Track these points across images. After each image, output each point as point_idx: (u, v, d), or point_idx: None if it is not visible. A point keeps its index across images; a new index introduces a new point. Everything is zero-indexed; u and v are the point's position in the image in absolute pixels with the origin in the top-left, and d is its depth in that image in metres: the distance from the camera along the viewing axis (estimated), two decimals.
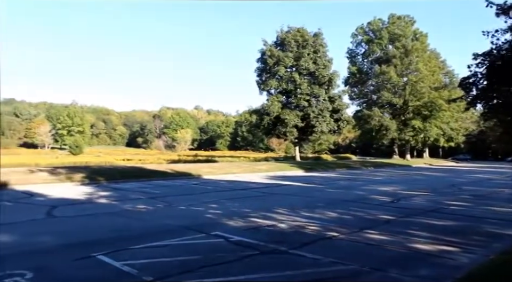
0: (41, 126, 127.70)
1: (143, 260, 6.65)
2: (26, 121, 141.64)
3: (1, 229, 9.09)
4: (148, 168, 28.21)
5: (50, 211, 11.89)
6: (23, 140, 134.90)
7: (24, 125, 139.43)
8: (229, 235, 8.49)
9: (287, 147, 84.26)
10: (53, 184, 18.92)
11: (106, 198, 14.91)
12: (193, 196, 16.23)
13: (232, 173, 27.47)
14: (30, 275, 5.79)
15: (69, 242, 8.07)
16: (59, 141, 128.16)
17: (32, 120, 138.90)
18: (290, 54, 45.70)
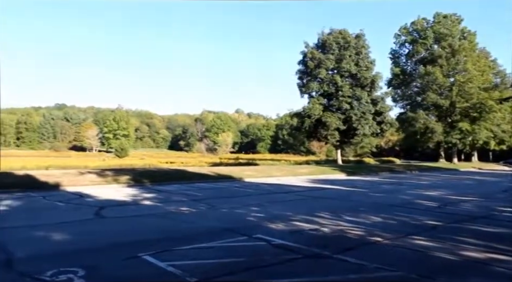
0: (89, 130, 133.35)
1: (188, 261, 6.75)
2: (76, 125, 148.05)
3: (55, 228, 9.49)
4: (190, 171, 28.69)
5: (98, 211, 12.32)
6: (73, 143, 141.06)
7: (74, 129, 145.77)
8: (271, 238, 8.47)
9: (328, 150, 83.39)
10: (100, 186, 19.58)
11: (151, 200, 15.27)
12: (235, 198, 16.34)
13: (273, 176, 27.44)
14: (82, 273, 6.01)
15: (117, 242, 8.32)
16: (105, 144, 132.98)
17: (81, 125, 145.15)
18: (332, 56, 45.22)
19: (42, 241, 8.43)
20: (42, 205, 13.92)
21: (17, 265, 6.57)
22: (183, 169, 30.85)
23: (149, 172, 26.63)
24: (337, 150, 51.14)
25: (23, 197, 15.42)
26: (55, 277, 5.85)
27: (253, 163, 45.29)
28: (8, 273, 6.17)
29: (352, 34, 46.71)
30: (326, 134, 46.46)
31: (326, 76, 45.65)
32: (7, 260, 6.80)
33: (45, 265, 6.39)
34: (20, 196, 15.75)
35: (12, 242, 8.10)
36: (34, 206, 13.80)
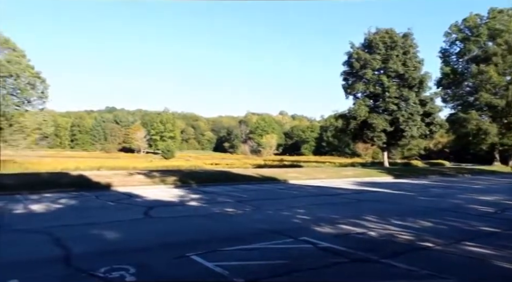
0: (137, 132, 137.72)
1: (234, 262, 6.82)
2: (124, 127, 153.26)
3: (107, 227, 9.88)
4: (234, 172, 28.96)
5: (147, 211, 12.70)
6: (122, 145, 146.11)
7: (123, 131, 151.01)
8: (317, 241, 8.40)
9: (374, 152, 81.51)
10: (148, 186, 20.17)
11: (197, 201, 15.55)
12: (279, 200, 16.33)
13: (318, 179, 27.18)
14: (133, 270, 6.22)
15: (165, 242, 8.54)
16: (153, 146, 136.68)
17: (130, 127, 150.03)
18: (378, 56, 44.25)
19: (96, 238, 8.80)
20: (95, 205, 14.53)
21: (74, 261, 6.90)
22: (227, 171, 31.20)
23: (195, 173, 27.14)
24: (384, 152, 49.94)
25: (78, 197, 16.15)
26: (108, 274, 6.10)
27: (297, 165, 45.12)
28: (66, 269, 6.50)
29: (399, 33, 45.53)
30: (372, 136, 45.49)
31: (372, 77, 44.74)
32: (65, 256, 7.17)
33: (99, 262, 6.68)
34: (75, 195, 16.51)
35: (69, 239, 8.51)
36: (88, 205, 14.42)
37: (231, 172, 29.44)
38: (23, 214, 12.18)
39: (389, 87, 43.79)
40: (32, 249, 7.89)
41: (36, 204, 13.96)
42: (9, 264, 6.71)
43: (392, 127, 44.48)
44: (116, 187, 19.21)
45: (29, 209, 13.05)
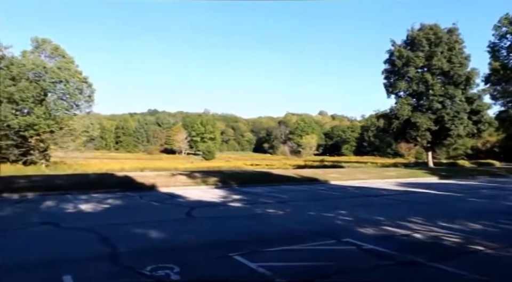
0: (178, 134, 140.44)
1: (277, 263, 6.81)
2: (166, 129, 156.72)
3: (151, 226, 10.12)
4: (274, 173, 28.96)
5: (189, 211, 12.92)
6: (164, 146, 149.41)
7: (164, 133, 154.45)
8: (361, 243, 8.25)
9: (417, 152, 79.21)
10: (190, 187, 20.52)
11: (238, 201, 15.66)
12: (321, 201, 16.17)
13: (360, 179, 26.70)
14: (178, 269, 6.34)
15: (208, 241, 8.65)
16: (193, 147, 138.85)
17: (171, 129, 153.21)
18: (421, 53, 42.91)
19: (142, 237, 9.05)
20: (139, 204, 14.94)
21: (121, 259, 7.12)
22: (268, 171, 31.24)
23: (235, 174, 27.35)
24: (428, 152, 48.35)
25: (123, 197, 16.67)
26: (154, 272, 6.25)
27: (338, 165, 44.55)
28: (114, 266, 6.72)
29: (444, 29, 43.94)
30: (416, 136, 44.19)
31: (415, 75, 43.49)
32: (113, 254, 7.42)
33: (145, 260, 6.85)
34: (120, 195, 17.05)
35: (116, 237, 8.80)
36: (132, 205, 14.86)
37: (271, 172, 29.46)
38: (73, 213, 12.70)
39: (433, 85, 42.40)
40: (82, 246, 8.22)
41: (85, 203, 14.52)
42: (62, 260, 7.01)
43: (437, 126, 43.03)
44: (159, 187, 19.67)
45: (79, 208, 13.59)
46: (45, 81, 39.47)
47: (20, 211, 13.08)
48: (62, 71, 40.13)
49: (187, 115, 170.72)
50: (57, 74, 39.81)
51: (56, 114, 41.12)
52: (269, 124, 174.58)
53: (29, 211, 13.06)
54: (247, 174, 27.85)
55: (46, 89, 40.06)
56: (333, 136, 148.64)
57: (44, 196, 16.37)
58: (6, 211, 13.01)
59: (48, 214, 12.47)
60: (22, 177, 22.11)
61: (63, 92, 41.26)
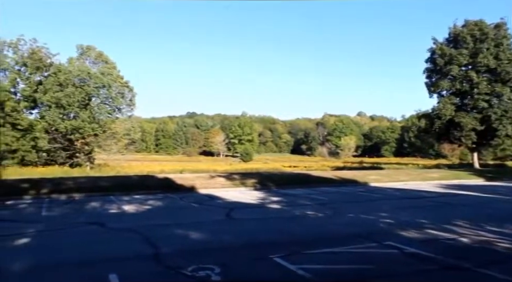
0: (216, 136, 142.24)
1: (317, 265, 6.76)
2: (204, 132, 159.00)
3: (192, 227, 10.30)
4: (313, 175, 28.74)
5: (229, 213, 13.05)
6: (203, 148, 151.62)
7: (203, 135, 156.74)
8: (403, 246, 8.04)
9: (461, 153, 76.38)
10: (229, 188, 20.70)
11: (277, 203, 15.66)
12: (361, 203, 15.91)
13: (401, 181, 26.05)
14: (218, 270, 6.42)
15: (247, 243, 8.70)
16: (231, 149, 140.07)
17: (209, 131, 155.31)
18: (465, 50, 41.31)
19: (183, 238, 9.22)
20: (180, 206, 15.24)
21: (163, 259, 7.29)
22: (306, 173, 31.05)
23: (274, 176, 27.34)
24: (473, 153, 46.45)
25: (164, 198, 17.04)
26: (195, 272, 6.36)
27: (378, 167, 43.71)
28: (157, 266, 6.89)
29: (490, 24, 42.10)
30: (460, 136, 42.59)
31: (458, 73, 41.93)
32: (155, 254, 7.61)
33: (186, 261, 6.98)
34: (161, 197, 17.44)
35: (158, 238, 9.01)
36: (173, 206, 15.17)
37: (309, 174, 29.27)
38: (117, 214, 13.11)
39: (479, 84, 40.71)
40: (126, 246, 8.48)
41: (128, 204, 14.96)
42: (108, 259, 7.27)
43: (482, 126, 41.29)
44: (198, 189, 19.97)
45: (122, 209, 14.02)
46: (89, 86, 41.07)
47: (67, 212, 13.64)
48: (105, 76, 41.62)
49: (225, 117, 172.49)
50: (100, 79, 41.33)
51: (99, 118, 42.73)
52: (307, 126, 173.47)
53: (76, 212, 13.60)
54: (285, 176, 27.79)
55: (90, 94, 41.67)
56: (372, 137, 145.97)
57: (89, 197, 17.01)
58: (55, 211, 13.60)
59: (94, 214, 12.94)
60: (69, 179, 23.04)
61: (106, 96, 42.81)
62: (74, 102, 39.82)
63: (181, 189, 19.96)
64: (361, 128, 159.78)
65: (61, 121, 39.56)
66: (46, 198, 16.68)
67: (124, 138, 45.29)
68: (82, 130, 40.04)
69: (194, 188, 20.08)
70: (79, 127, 39.88)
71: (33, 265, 7.01)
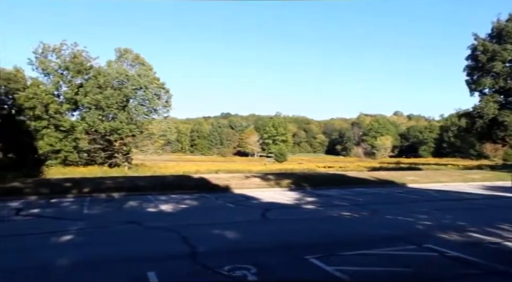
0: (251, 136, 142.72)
1: (354, 267, 6.66)
2: (239, 132, 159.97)
3: (228, 227, 10.38)
4: (348, 175, 28.36)
5: (264, 213, 13.06)
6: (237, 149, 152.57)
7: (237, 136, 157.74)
8: (444, 250, 7.79)
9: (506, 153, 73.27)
10: (263, 189, 20.73)
11: (312, 203, 15.55)
12: (398, 205, 15.55)
13: (440, 182, 25.28)
14: (254, 270, 6.44)
15: (283, 243, 8.68)
16: (265, 149, 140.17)
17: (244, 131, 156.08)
18: (510, 45, 39.60)
19: (218, 237, 9.30)
20: (215, 205, 15.39)
21: (200, 258, 7.37)
22: (341, 174, 30.67)
23: (308, 176, 27.17)
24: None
25: (200, 198, 17.26)
26: (231, 272, 6.40)
27: (415, 167, 42.65)
28: (194, 265, 6.98)
29: None
30: (504, 136, 40.83)
31: (502, 70, 40.18)
32: (192, 253, 7.71)
33: (222, 260, 7.04)
34: (197, 196, 17.66)
35: (194, 237, 9.13)
36: (209, 206, 15.34)
37: (345, 175, 28.90)
38: (154, 213, 13.39)
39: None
40: (163, 245, 8.64)
41: (164, 204, 15.25)
42: (146, 257, 7.43)
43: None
44: (234, 189, 20.10)
45: (159, 208, 14.31)
46: (127, 88, 42.17)
47: (107, 210, 14.04)
48: (142, 78, 42.60)
49: (259, 118, 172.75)
50: (137, 81, 42.34)
51: (137, 119, 43.80)
52: (342, 126, 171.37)
53: (115, 210, 13.99)
54: (320, 176, 27.56)
55: (128, 96, 42.77)
56: (409, 137, 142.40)
57: (127, 196, 17.46)
58: (95, 210, 14.04)
59: (132, 213, 13.26)
60: (108, 178, 23.73)
61: (143, 98, 43.82)
62: (113, 104, 40.98)
63: (216, 189, 20.15)
64: (398, 128, 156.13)
65: (100, 122, 40.81)
66: (87, 197, 17.26)
67: (160, 138, 46.20)
68: (120, 131, 41.13)
69: (229, 188, 20.23)
70: (117, 128, 40.99)
71: (77, 261, 7.27)
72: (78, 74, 41.74)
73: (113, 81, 41.91)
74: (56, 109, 39.26)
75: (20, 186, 19.60)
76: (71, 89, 41.35)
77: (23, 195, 17.25)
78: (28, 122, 38.04)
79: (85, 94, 40.73)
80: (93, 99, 40.26)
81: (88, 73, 42.49)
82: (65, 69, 41.36)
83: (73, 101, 41.39)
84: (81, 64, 41.68)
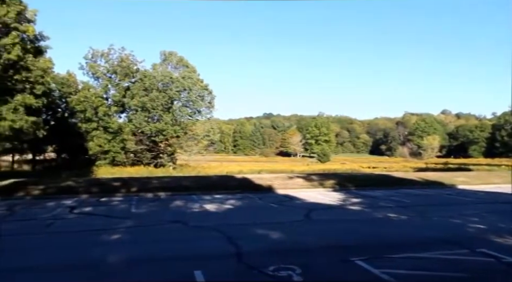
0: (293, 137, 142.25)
1: (402, 270, 6.48)
2: (281, 132, 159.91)
3: (272, 227, 10.37)
4: (394, 176, 27.64)
5: (308, 213, 12.95)
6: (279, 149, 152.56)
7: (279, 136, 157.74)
8: (501, 255, 7.41)
9: None
10: (307, 189, 20.54)
11: (357, 204, 15.27)
12: (448, 207, 14.98)
13: (493, 184, 24.10)
14: (299, 271, 6.40)
15: (327, 244, 8.57)
16: (308, 149, 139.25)
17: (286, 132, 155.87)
18: None
19: (263, 238, 9.32)
20: (258, 206, 15.43)
21: (245, 258, 7.42)
22: (386, 174, 29.97)
23: (352, 177, 26.72)
24: None
25: (243, 198, 17.35)
26: (276, 272, 6.40)
27: (465, 168, 40.95)
28: (239, 265, 7.04)
29: None
30: None
31: None
32: (237, 253, 7.77)
33: (267, 260, 7.05)
34: (240, 197, 17.76)
35: (239, 237, 9.19)
36: (252, 206, 15.41)
37: (390, 175, 28.21)
38: (199, 212, 13.60)
39: None
40: (209, 244, 8.76)
41: (209, 203, 15.46)
42: (192, 256, 7.57)
43: None
44: (277, 189, 20.08)
45: (203, 207, 14.52)
46: (171, 90, 43.20)
47: (154, 209, 14.41)
48: (186, 80, 43.49)
49: (301, 118, 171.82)
50: (181, 83, 43.28)
51: (181, 120, 44.77)
52: (386, 125, 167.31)
53: (162, 209, 14.34)
54: (364, 177, 27.04)
55: (172, 97, 43.80)
56: (458, 136, 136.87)
57: (173, 196, 17.83)
58: (142, 209, 14.44)
59: (178, 213, 13.53)
60: (154, 178, 24.37)
61: (187, 99, 44.74)
62: (158, 106, 42.12)
63: (260, 189, 20.19)
64: (446, 127, 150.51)
65: (146, 124, 42.04)
66: (135, 196, 17.79)
67: (204, 139, 46.94)
68: (165, 132, 42.19)
69: (272, 189, 20.23)
70: (162, 130, 42.08)
71: (127, 258, 7.52)
72: (125, 77, 43.22)
73: (158, 84, 43.07)
74: (105, 111, 40.86)
75: (73, 185, 20.50)
76: (119, 92, 42.87)
77: (75, 194, 18.02)
78: (79, 124, 39.82)
79: (131, 96, 42.13)
80: (139, 101, 41.55)
81: (135, 76, 43.91)
82: (113, 72, 42.93)
83: (120, 104, 42.89)
84: (128, 67, 43.13)
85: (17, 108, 23.55)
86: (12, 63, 21.72)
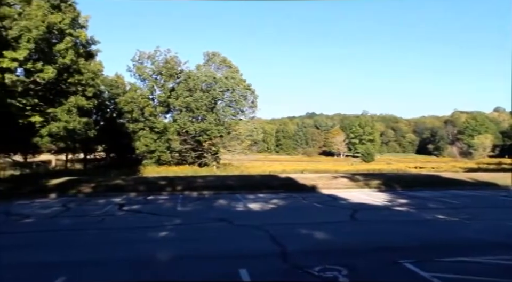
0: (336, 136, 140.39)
1: (453, 275, 6.23)
2: (324, 132, 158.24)
3: (316, 227, 10.30)
4: (443, 176, 26.69)
5: (353, 214, 12.76)
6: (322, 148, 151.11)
7: (323, 136, 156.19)
8: None
9: None
10: (351, 189, 20.24)
11: (404, 205, 14.86)
12: (502, 209, 14.31)
13: None
14: (345, 272, 6.32)
15: (373, 246, 8.40)
16: (352, 149, 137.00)
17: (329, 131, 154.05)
18: None
19: (308, 237, 9.28)
20: (303, 205, 15.35)
21: (290, 257, 7.42)
22: (434, 174, 28.99)
23: (398, 177, 26.04)
24: None
25: (287, 197, 17.33)
26: (322, 273, 6.35)
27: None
28: (284, 264, 7.05)
29: None
30: None
31: None
32: (282, 252, 7.78)
33: (312, 260, 7.01)
34: (284, 196, 17.75)
35: (284, 236, 9.19)
36: (296, 205, 15.35)
37: (438, 176, 27.27)
38: (243, 211, 13.73)
39: None
40: (254, 243, 8.83)
41: (253, 203, 15.56)
42: (237, 255, 7.66)
43: None
44: (320, 189, 19.91)
45: (247, 207, 14.64)
46: (215, 90, 43.85)
47: (199, 208, 14.68)
48: (229, 80, 43.99)
49: (345, 117, 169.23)
50: (225, 83, 43.82)
51: (224, 120, 45.35)
52: (434, 124, 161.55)
53: (206, 208, 14.58)
54: (411, 177, 26.29)
55: (216, 98, 44.44)
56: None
57: (217, 195, 18.10)
58: (188, 207, 14.76)
59: (222, 211, 13.72)
60: (199, 177, 24.83)
61: (230, 99, 45.27)
62: (202, 106, 42.88)
63: (303, 189, 20.09)
64: (499, 125, 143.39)
65: (190, 124, 42.90)
66: (180, 195, 18.22)
67: (247, 139, 47.28)
68: (209, 132, 42.88)
69: (316, 188, 20.08)
70: (206, 129, 42.78)
71: (174, 255, 7.72)
72: (170, 78, 44.31)
73: (202, 84, 43.82)
74: (151, 111, 42.07)
75: (122, 183, 21.27)
76: (164, 93, 44.01)
77: (124, 192, 18.68)
78: (126, 124, 41.22)
79: (176, 97, 43.13)
80: (183, 101, 42.48)
81: (179, 77, 44.92)
82: (158, 74, 44.12)
83: (165, 104, 44.02)
84: (172, 68, 44.17)
85: (71, 110, 24.67)
86: (66, 67, 22.76)
